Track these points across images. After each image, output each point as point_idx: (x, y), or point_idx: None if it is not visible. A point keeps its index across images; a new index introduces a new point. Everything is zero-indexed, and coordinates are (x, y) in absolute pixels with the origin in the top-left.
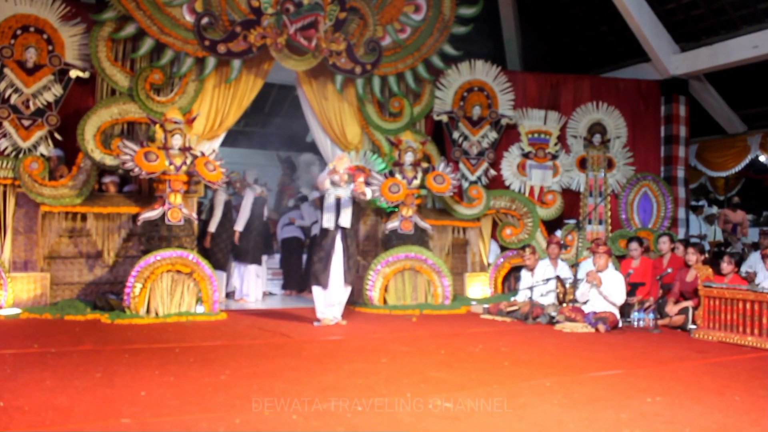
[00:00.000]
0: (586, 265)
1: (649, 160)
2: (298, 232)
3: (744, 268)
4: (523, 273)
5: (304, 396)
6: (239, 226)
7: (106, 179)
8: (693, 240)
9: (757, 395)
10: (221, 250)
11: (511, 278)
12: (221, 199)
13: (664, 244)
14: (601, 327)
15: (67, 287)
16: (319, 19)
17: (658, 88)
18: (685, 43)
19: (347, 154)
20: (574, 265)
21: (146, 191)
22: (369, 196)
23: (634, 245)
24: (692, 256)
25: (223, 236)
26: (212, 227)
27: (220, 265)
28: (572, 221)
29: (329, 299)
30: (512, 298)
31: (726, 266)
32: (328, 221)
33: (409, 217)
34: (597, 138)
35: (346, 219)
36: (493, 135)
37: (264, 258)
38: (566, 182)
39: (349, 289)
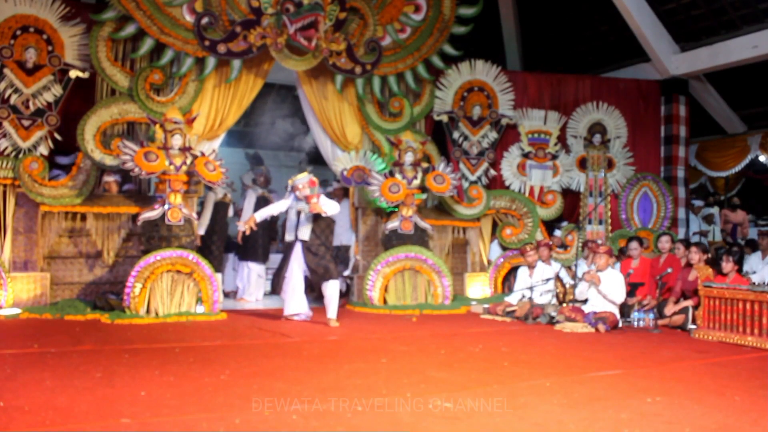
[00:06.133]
0: (584, 266)
1: (649, 160)
2: None
3: (745, 269)
4: (520, 273)
5: (304, 396)
6: (242, 226)
7: (109, 178)
8: (694, 239)
9: (757, 395)
10: (212, 252)
11: (511, 278)
12: (211, 199)
13: (667, 243)
14: (601, 327)
15: (67, 287)
16: (319, 19)
17: (658, 88)
18: (685, 43)
19: (308, 173)
20: (571, 266)
21: (145, 191)
22: (330, 212)
23: (634, 244)
24: (695, 255)
25: (214, 238)
26: (201, 229)
27: (215, 267)
28: (565, 224)
29: (289, 301)
30: (505, 299)
31: (726, 265)
32: (289, 235)
33: (409, 217)
34: (597, 138)
35: (305, 233)
36: (493, 135)
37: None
38: (566, 182)
39: (334, 284)
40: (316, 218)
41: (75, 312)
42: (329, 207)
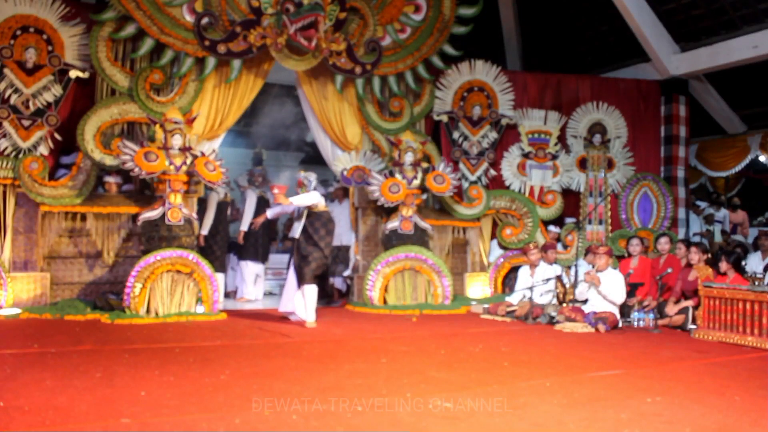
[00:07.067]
0: (583, 265)
1: (649, 160)
2: None
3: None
4: (521, 273)
5: (304, 396)
6: (244, 226)
7: (110, 179)
8: (695, 239)
9: (757, 395)
10: (214, 252)
11: (511, 278)
12: (214, 199)
13: (667, 244)
14: (601, 327)
15: (67, 287)
16: (319, 19)
17: (658, 88)
18: (685, 43)
19: (303, 171)
20: (573, 266)
21: (143, 190)
22: (296, 203)
23: (635, 241)
24: (695, 255)
25: (217, 238)
26: (204, 229)
27: (217, 267)
28: (571, 220)
29: (284, 298)
30: (506, 299)
31: (722, 265)
32: (291, 232)
33: (409, 217)
34: (597, 138)
35: (297, 230)
36: (493, 135)
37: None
38: (566, 182)
39: (308, 288)
40: (311, 217)
41: (75, 312)
42: (297, 199)
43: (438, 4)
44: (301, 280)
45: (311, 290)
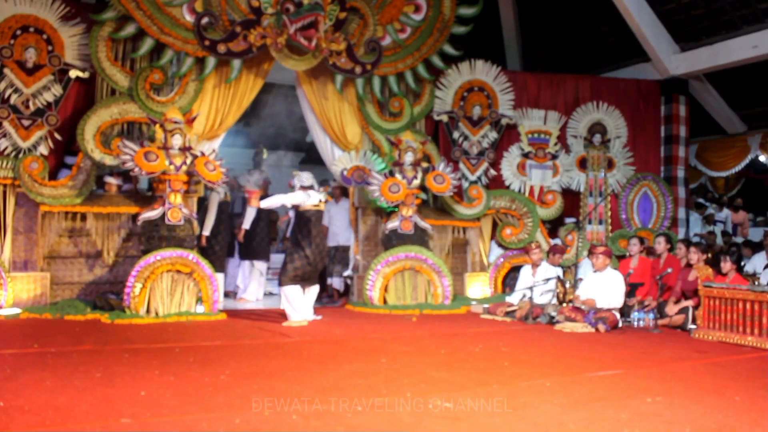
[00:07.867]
0: (586, 264)
1: (649, 160)
2: None
3: (746, 269)
4: (522, 272)
5: (304, 396)
6: (246, 225)
7: (111, 180)
8: (695, 239)
9: (757, 395)
10: (215, 252)
11: (511, 278)
12: (215, 200)
13: (659, 244)
14: (601, 327)
15: (67, 287)
16: (319, 19)
17: (658, 88)
18: (685, 43)
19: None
20: (572, 266)
21: (143, 191)
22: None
23: (634, 241)
24: (694, 255)
25: (219, 238)
26: (206, 230)
27: (217, 267)
28: (572, 220)
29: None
30: (506, 298)
31: (725, 265)
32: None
33: (409, 217)
34: (597, 138)
35: (289, 230)
36: (493, 135)
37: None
38: (566, 182)
39: (283, 291)
40: (297, 216)
41: (75, 312)
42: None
43: (438, 4)
44: (279, 283)
45: (286, 292)
